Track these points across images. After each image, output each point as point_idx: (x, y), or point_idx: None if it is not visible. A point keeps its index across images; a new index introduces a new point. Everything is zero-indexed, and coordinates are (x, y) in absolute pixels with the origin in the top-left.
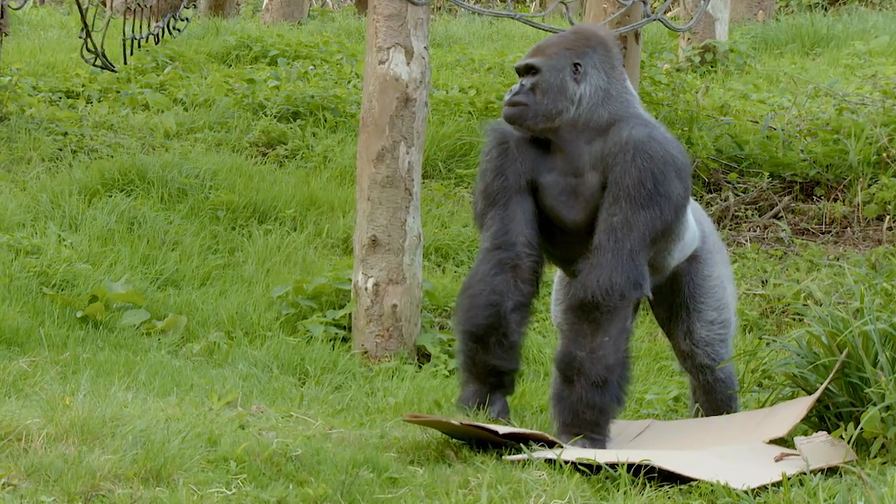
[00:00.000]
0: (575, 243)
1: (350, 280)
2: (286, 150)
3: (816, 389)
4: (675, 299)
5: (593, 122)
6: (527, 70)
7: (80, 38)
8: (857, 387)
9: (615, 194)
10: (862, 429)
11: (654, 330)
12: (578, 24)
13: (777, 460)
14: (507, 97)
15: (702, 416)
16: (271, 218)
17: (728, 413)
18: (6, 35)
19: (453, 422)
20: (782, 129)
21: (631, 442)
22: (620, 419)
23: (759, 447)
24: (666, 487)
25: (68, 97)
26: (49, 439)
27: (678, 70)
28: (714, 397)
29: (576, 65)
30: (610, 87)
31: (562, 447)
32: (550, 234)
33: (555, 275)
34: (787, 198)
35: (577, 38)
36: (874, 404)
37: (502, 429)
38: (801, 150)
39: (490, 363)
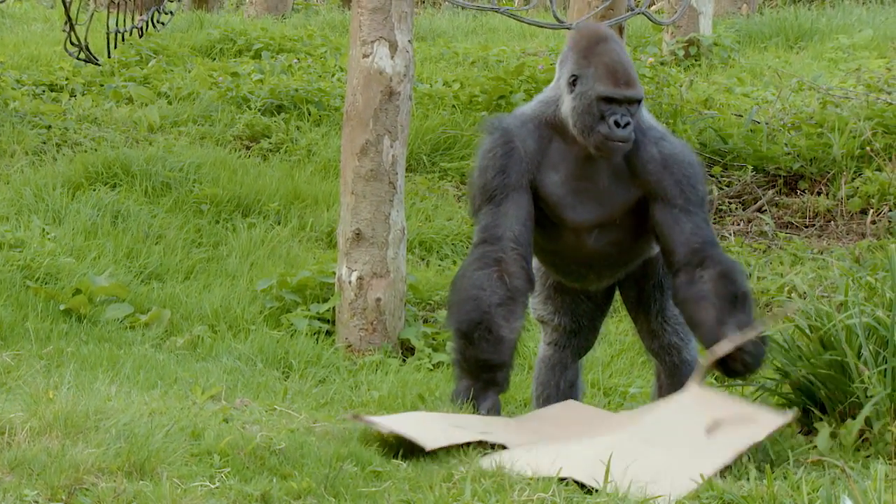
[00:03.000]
0: (569, 241)
1: (334, 274)
2: (270, 143)
3: (799, 380)
4: (648, 282)
5: None
6: (638, 102)
7: (64, 31)
8: (840, 380)
9: (675, 205)
10: (846, 422)
11: None
12: (586, 25)
13: (709, 432)
14: (619, 132)
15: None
16: (255, 211)
17: None
18: None
19: (382, 431)
20: (766, 123)
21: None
22: (590, 405)
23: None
24: None
25: (52, 90)
26: (32, 433)
27: (662, 64)
28: (678, 380)
29: None
30: None
31: (508, 450)
32: (543, 230)
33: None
34: (770, 191)
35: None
36: (857, 398)
37: (431, 444)
38: (785, 144)
39: (479, 358)
